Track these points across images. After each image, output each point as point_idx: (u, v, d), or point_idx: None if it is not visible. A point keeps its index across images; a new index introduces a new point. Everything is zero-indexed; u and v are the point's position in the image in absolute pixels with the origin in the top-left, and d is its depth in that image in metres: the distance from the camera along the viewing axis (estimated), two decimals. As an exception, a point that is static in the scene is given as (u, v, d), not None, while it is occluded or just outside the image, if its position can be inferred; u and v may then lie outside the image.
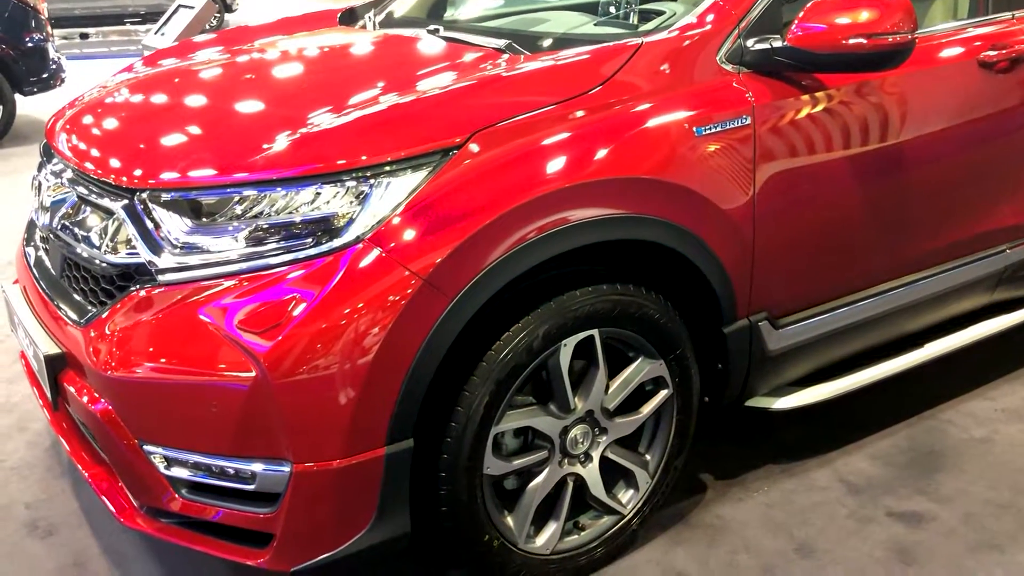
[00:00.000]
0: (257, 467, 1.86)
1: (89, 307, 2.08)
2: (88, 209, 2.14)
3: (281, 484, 1.86)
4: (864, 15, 2.14)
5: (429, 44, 2.56)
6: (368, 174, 1.87)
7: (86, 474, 2.17)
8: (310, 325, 1.78)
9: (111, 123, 2.38)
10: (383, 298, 1.80)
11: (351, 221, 1.84)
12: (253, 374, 1.79)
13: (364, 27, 3.04)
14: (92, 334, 1.99)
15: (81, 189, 2.17)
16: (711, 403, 2.46)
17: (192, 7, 7.39)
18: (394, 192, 1.85)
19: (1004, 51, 2.67)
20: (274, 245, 1.86)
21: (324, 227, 1.85)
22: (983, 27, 2.72)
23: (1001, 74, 2.68)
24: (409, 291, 1.80)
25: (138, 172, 2.01)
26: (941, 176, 2.64)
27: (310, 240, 1.85)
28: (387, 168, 1.86)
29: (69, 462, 2.78)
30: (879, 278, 2.64)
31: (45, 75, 7.44)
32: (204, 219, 1.92)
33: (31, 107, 8.07)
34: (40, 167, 2.49)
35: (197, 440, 1.90)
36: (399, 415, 1.86)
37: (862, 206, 2.48)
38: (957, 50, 2.62)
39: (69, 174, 2.25)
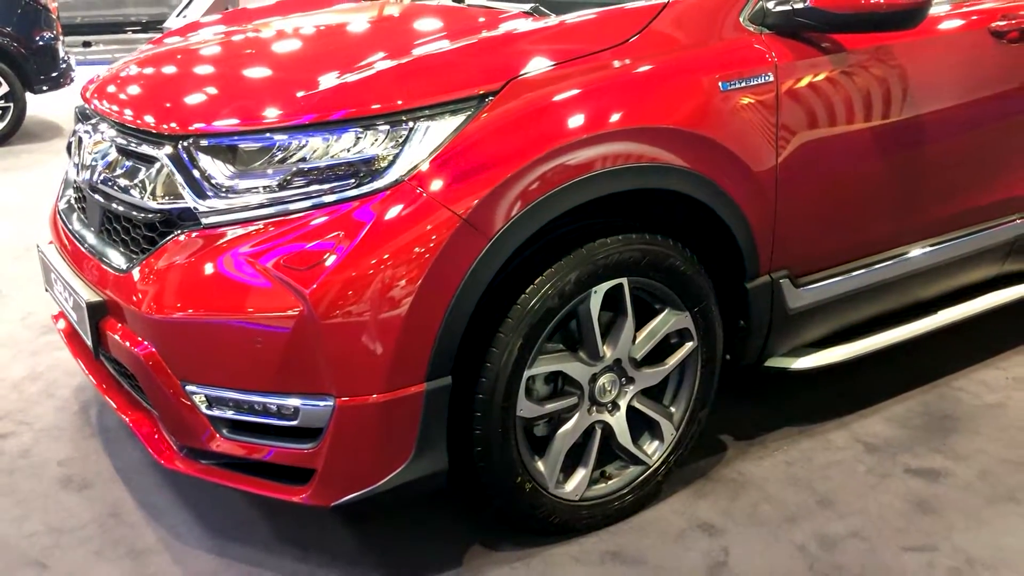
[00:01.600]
0: (300, 402, 1.91)
1: (131, 255, 2.13)
2: (130, 160, 2.19)
3: (323, 419, 1.91)
4: (882, -24, 2.21)
5: (456, 9, 2.63)
6: (405, 118, 1.93)
7: (127, 419, 2.21)
8: (354, 262, 1.84)
9: (151, 80, 2.45)
10: (424, 237, 1.85)
11: (392, 163, 1.90)
12: (299, 311, 1.84)
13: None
14: (136, 279, 2.04)
15: (123, 141, 2.23)
16: (732, 361, 2.51)
17: (214, -11, 7.55)
18: (433, 135, 1.91)
19: (1014, 21, 2.74)
20: (317, 187, 1.92)
21: (366, 169, 1.91)
22: (992, 1, 2.79)
23: (1012, 44, 2.75)
24: (449, 230, 1.86)
25: (183, 120, 2.07)
26: (954, 141, 2.71)
27: (352, 181, 1.91)
28: (426, 112, 1.92)
29: (99, 424, 2.83)
30: (895, 242, 2.70)
31: (55, 74, 7.51)
32: (247, 164, 1.98)
33: (40, 106, 8.14)
34: (76, 131, 2.54)
35: (241, 378, 1.95)
36: (439, 352, 1.91)
37: (879, 168, 2.54)
38: (969, 19, 2.70)
39: (110, 130, 2.31)
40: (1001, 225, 2.96)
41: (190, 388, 2.00)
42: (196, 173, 2.00)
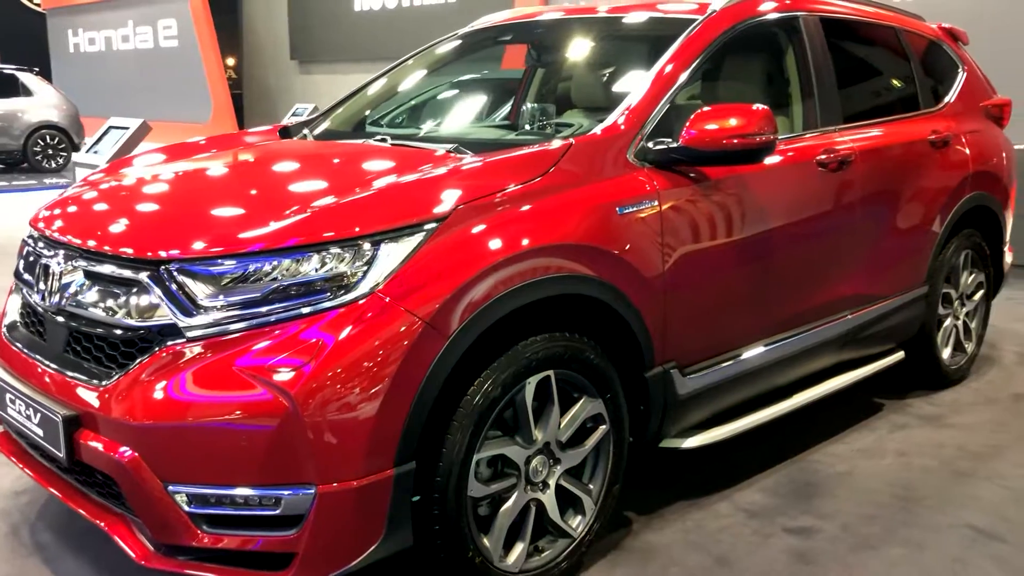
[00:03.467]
0: (283, 492, 2.14)
1: (109, 369, 2.31)
2: (103, 284, 2.39)
3: (305, 506, 2.14)
4: (734, 121, 2.77)
5: (384, 148, 3.01)
6: (369, 242, 2.26)
7: (102, 524, 2.34)
8: (332, 365, 2.13)
9: (118, 209, 2.67)
10: (392, 339, 2.17)
11: (362, 278, 2.22)
12: (283, 410, 2.10)
13: (306, 138, 3.47)
14: (121, 390, 2.23)
15: (94, 267, 2.41)
16: (635, 442, 2.90)
17: (126, 128, 7.55)
18: (396, 254, 2.26)
19: (833, 155, 3.40)
20: (294, 301, 2.21)
21: (338, 283, 2.22)
22: (816, 139, 3.44)
23: (832, 172, 3.40)
24: (414, 332, 2.19)
25: (163, 246, 2.31)
26: (793, 252, 3.29)
27: (328, 295, 2.21)
28: (389, 235, 2.27)
29: (33, 542, 2.88)
30: (754, 337, 3.22)
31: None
32: (226, 283, 2.24)
33: None
34: (27, 263, 2.72)
35: (226, 475, 2.16)
36: (405, 439, 2.20)
37: (737, 275, 3.07)
38: (801, 152, 3.33)
39: (74, 257, 2.49)
40: (836, 320, 3.55)
41: (172, 488, 2.18)
42: (179, 293, 2.24)
